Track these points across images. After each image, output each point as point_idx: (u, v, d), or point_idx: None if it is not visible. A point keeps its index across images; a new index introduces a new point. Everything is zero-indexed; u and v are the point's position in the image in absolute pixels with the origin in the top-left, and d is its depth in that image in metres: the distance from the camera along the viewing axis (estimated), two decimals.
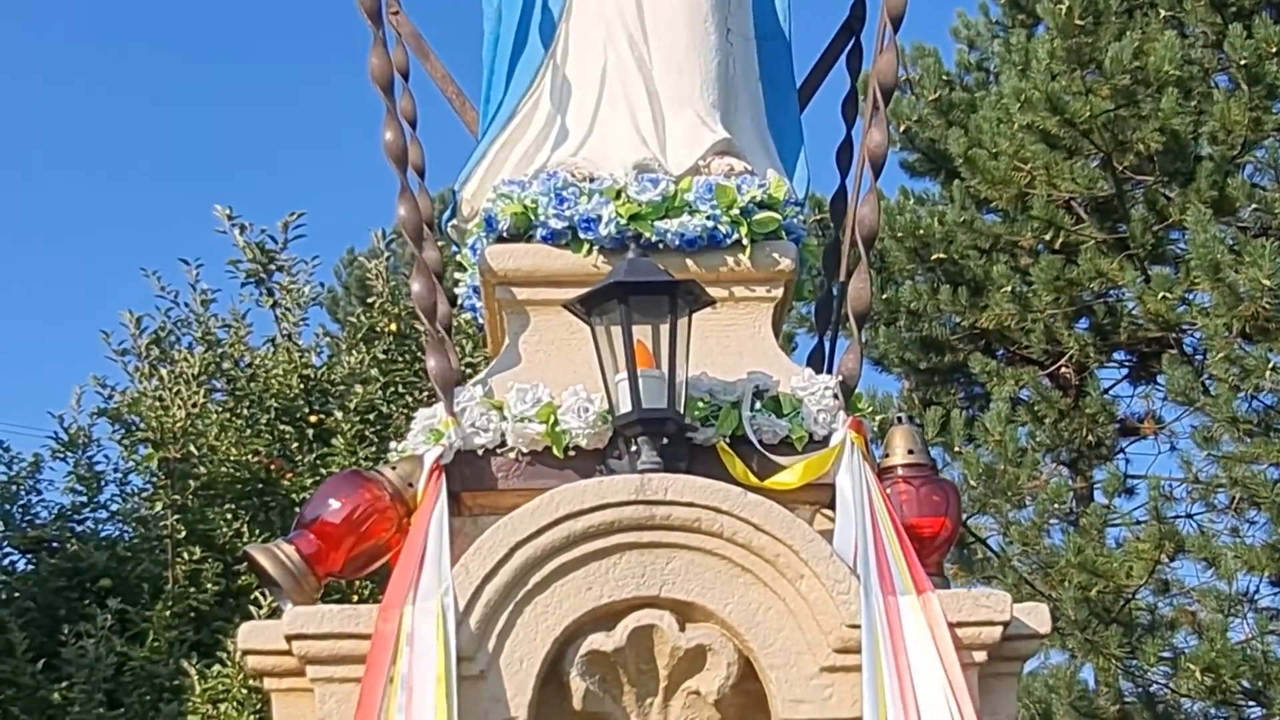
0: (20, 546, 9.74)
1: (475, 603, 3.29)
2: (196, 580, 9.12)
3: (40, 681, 8.64)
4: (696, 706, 3.41)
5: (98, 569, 9.30)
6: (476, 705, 3.25)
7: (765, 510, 3.36)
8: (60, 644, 8.62)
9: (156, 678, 8.64)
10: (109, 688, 8.55)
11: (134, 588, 9.18)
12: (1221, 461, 11.25)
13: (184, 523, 9.22)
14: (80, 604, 9.10)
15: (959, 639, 3.33)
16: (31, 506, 10.22)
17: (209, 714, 8.30)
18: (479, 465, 3.63)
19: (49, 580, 9.40)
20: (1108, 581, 10.63)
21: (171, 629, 8.77)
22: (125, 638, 8.74)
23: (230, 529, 9.29)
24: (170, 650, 8.70)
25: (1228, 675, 10.24)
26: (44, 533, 9.72)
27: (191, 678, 8.39)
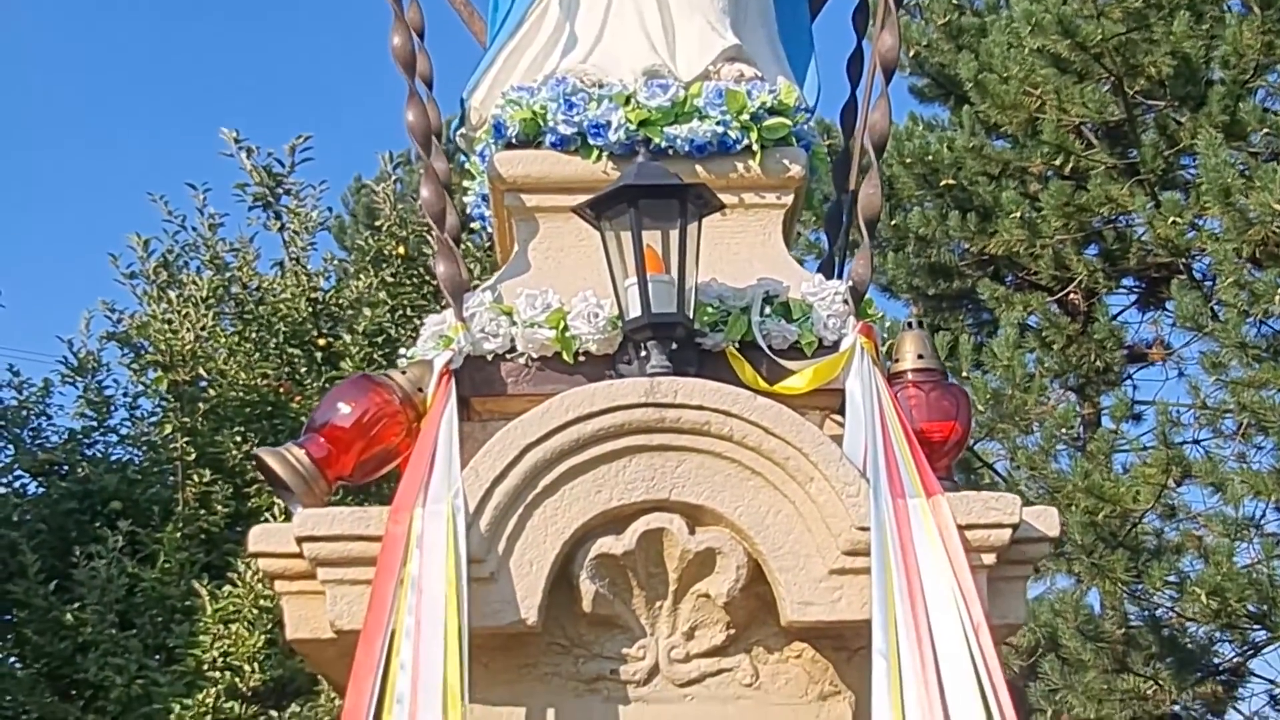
0: (31, 470, 9.79)
1: (485, 505, 3.30)
2: (207, 502, 9.17)
3: (52, 603, 8.72)
4: (706, 609, 3.42)
5: (108, 492, 9.36)
6: (486, 607, 3.26)
7: (775, 413, 3.36)
8: (72, 566, 8.68)
9: (168, 599, 8.71)
10: (121, 609, 8.62)
11: (144, 510, 9.24)
12: (1229, 387, 11.22)
13: (194, 445, 9.26)
14: (91, 526, 9.16)
15: (968, 541, 3.33)
16: (42, 431, 10.27)
17: (220, 634, 8.37)
18: (488, 370, 3.62)
19: (60, 503, 9.46)
20: (1114, 506, 10.64)
21: (182, 550, 8.83)
22: (136, 560, 8.80)
23: (240, 452, 9.34)
24: (181, 572, 8.76)
25: (1233, 599, 10.27)
26: (54, 456, 9.77)
27: (203, 598, 8.46)
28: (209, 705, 8.17)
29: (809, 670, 3.46)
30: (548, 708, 3.40)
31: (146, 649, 8.51)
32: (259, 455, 3.46)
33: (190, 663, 8.36)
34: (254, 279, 10.06)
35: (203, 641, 8.35)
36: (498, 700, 3.39)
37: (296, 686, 8.69)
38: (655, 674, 3.43)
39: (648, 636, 3.44)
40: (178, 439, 9.20)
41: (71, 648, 8.65)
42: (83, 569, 8.60)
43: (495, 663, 3.39)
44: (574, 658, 3.44)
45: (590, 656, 3.44)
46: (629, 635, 3.44)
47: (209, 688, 8.21)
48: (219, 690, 8.22)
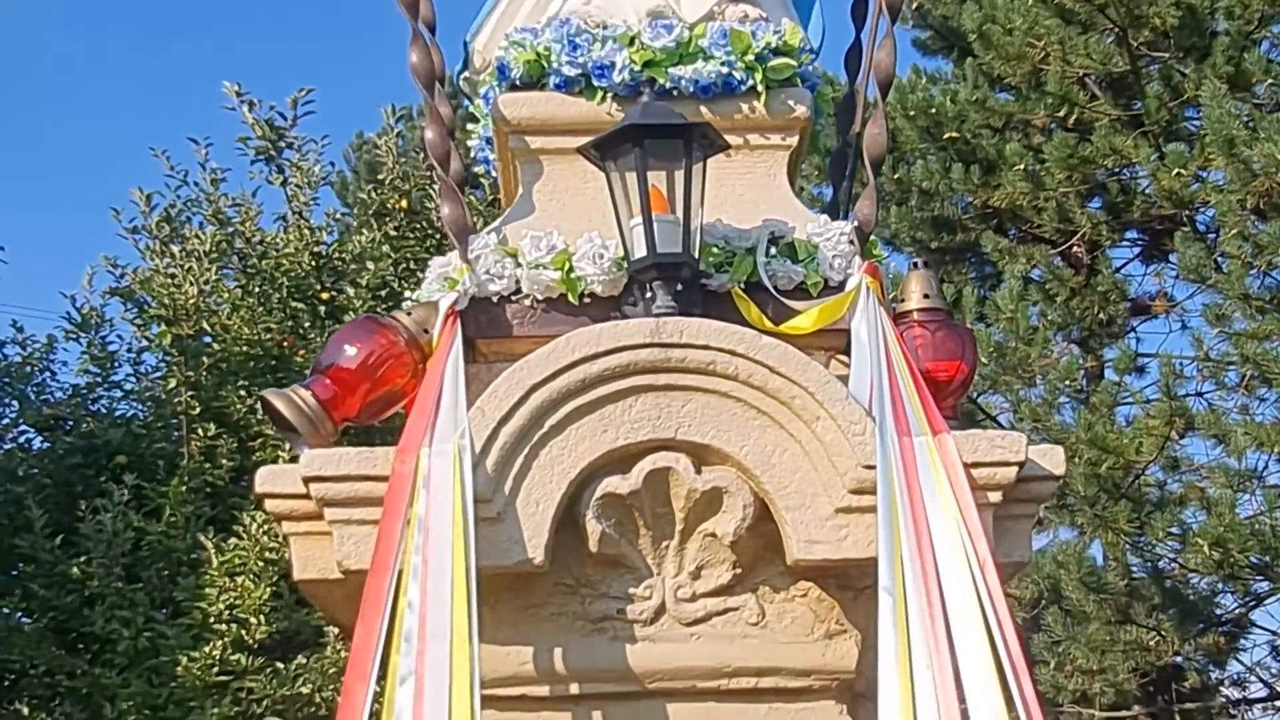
0: (36, 425, 9.81)
1: (491, 445, 3.30)
2: (212, 456, 9.20)
3: (59, 557, 8.75)
4: (713, 549, 3.42)
5: (113, 446, 9.38)
6: (494, 547, 3.27)
7: (780, 353, 3.35)
8: (77, 520, 8.71)
9: (174, 552, 8.74)
10: (127, 562, 8.65)
11: (149, 465, 9.26)
12: (1233, 338, 11.23)
13: (198, 400, 9.27)
14: (96, 481, 9.18)
15: (974, 479, 3.33)
16: (46, 386, 10.29)
17: (226, 587, 8.40)
18: (494, 312, 3.62)
19: (65, 458, 9.48)
20: (1117, 458, 10.66)
21: (187, 504, 8.85)
22: (142, 514, 8.83)
23: (244, 406, 9.35)
24: (187, 525, 8.79)
25: (1236, 550, 10.30)
26: (59, 411, 9.79)
27: (208, 552, 8.48)
28: (215, 657, 8.21)
29: (815, 609, 3.47)
30: (555, 647, 3.41)
31: (153, 602, 8.55)
32: (265, 397, 3.46)
33: (196, 615, 8.39)
34: (257, 234, 10.05)
35: (209, 594, 8.39)
36: (505, 640, 3.40)
37: (303, 639, 8.73)
38: (662, 613, 3.44)
39: (654, 576, 3.45)
40: (182, 393, 9.21)
41: (78, 601, 8.69)
42: (88, 523, 8.63)
43: (502, 603, 3.40)
44: (581, 598, 3.45)
45: (597, 596, 3.44)
46: (635, 575, 3.45)
47: (215, 640, 8.24)
48: (225, 642, 8.26)
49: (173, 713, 8.23)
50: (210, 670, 8.20)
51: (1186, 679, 12.24)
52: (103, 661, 8.60)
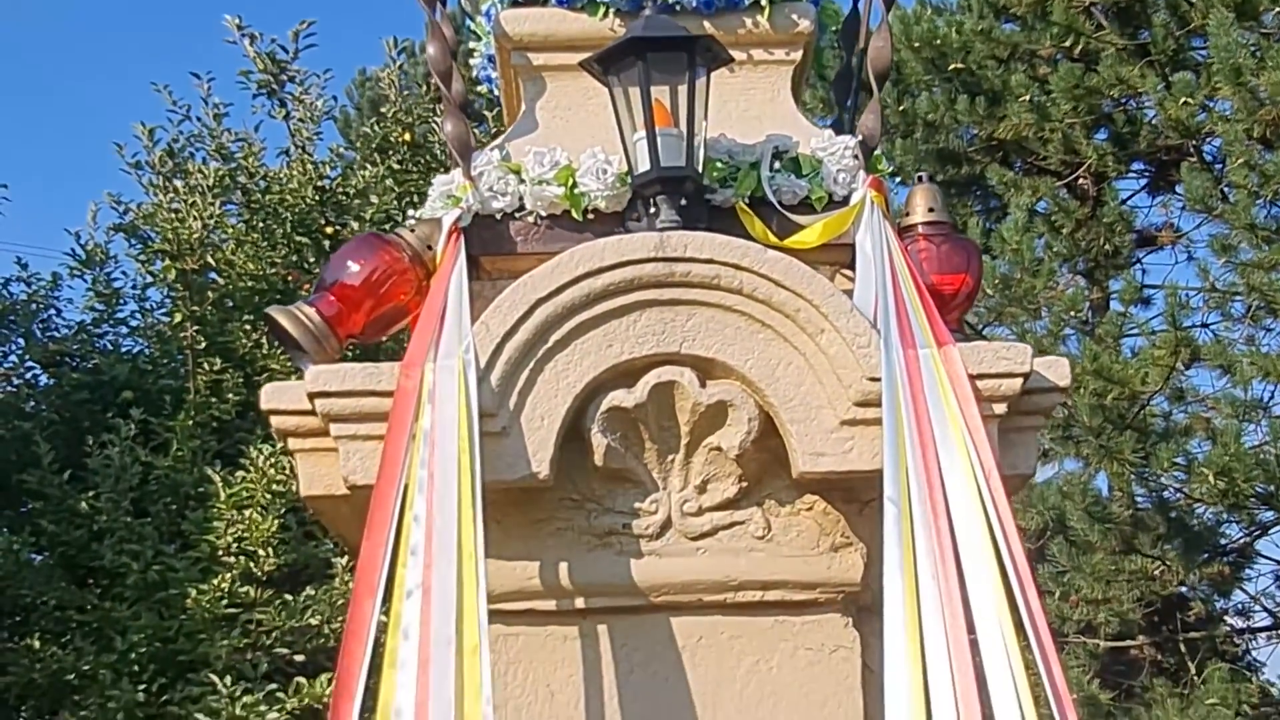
0: (42, 361, 9.83)
1: (496, 360, 3.29)
2: (218, 391, 9.22)
3: (67, 492, 8.79)
4: (718, 462, 3.42)
5: (119, 382, 9.40)
6: (499, 461, 3.27)
7: (785, 266, 3.34)
8: (85, 455, 8.73)
9: (181, 486, 8.77)
10: (135, 496, 8.69)
11: (156, 400, 9.29)
12: (1239, 269, 11.22)
13: (203, 334, 9.29)
14: (103, 417, 9.21)
15: (979, 391, 3.33)
16: (51, 323, 10.30)
17: (234, 520, 8.44)
18: (497, 229, 3.61)
19: (71, 394, 9.51)
20: (1123, 388, 10.66)
21: (194, 439, 8.88)
22: (149, 448, 8.86)
23: (249, 340, 9.37)
24: (194, 459, 8.82)
25: (1241, 479, 10.33)
26: (64, 347, 9.80)
27: (216, 485, 8.51)
28: (224, 590, 8.25)
29: (820, 523, 3.48)
30: (560, 562, 3.42)
31: (161, 536, 8.59)
32: (270, 314, 3.46)
33: (205, 548, 8.44)
34: (260, 169, 10.03)
35: (217, 527, 8.42)
36: (511, 555, 3.41)
37: (311, 572, 8.78)
38: (668, 528, 3.45)
39: (660, 490, 3.45)
40: (187, 328, 9.23)
41: (87, 536, 8.73)
42: (96, 458, 8.66)
43: (508, 518, 3.41)
44: (586, 512, 3.46)
45: (603, 511, 3.45)
46: (641, 489, 3.45)
47: (224, 572, 8.29)
48: (234, 575, 8.31)
49: (182, 645, 8.29)
50: (219, 603, 8.25)
51: (1191, 608, 12.29)
52: (112, 595, 8.65)
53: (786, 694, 3.44)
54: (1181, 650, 11.98)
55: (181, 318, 9.29)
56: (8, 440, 9.30)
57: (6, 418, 9.48)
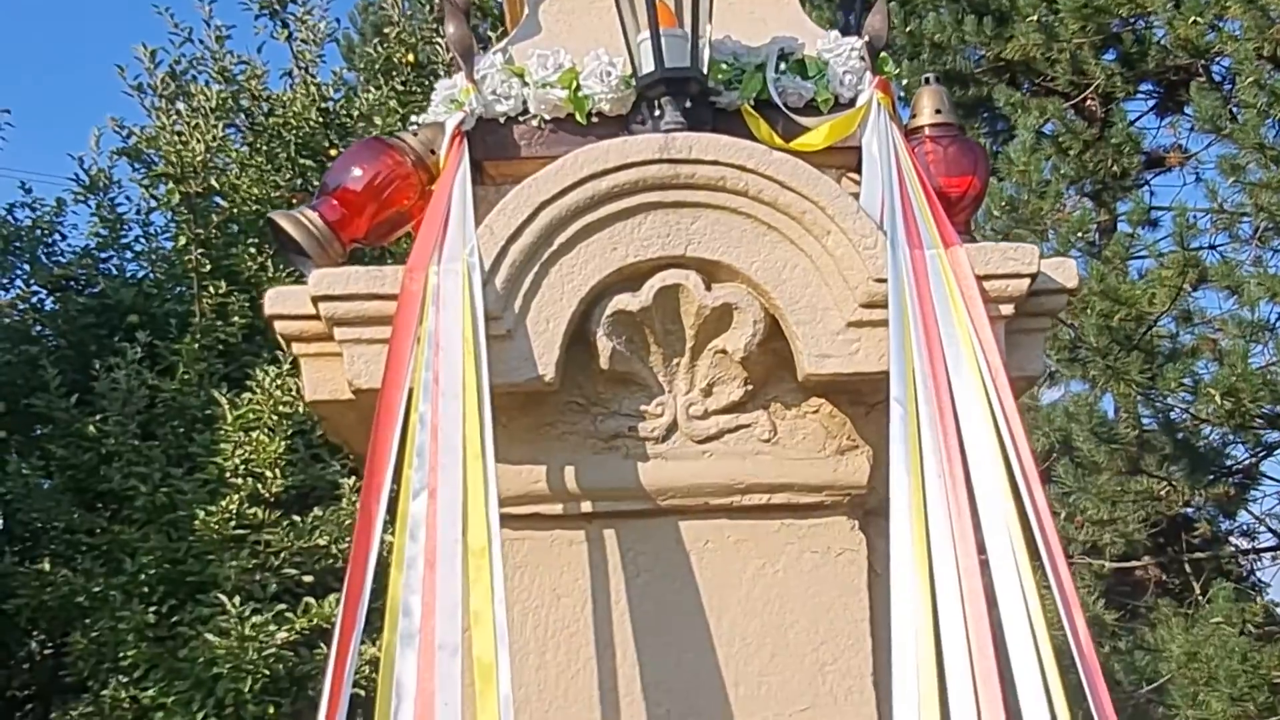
0: (47, 285, 9.83)
1: (500, 263, 3.28)
2: (224, 314, 9.22)
3: (74, 415, 8.82)
4: (723, 365, 3.41)
5: (125, 306, 9.41)
6: (504, 364, 3.26)
7: (791, 167, 3.31)
8: (92, 379, 8.75)
9: (188, 409, 8.80)
10: (142, 419, 8.72)
11: (162, 323, 9.30)
12: (1247, 189, 11.15)
13: (208, 258, 9.28)
14: (110, 341, 9.23)
15: (986, 292, 3.31)
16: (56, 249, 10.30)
17: (241, 441, 8.47)
18: (501, 133, 3.59)
19: (78, 318, 9.52)
20: (1130, 308, 10.63)
21: (201, 361, 8.90)
22: (155, 371, 8.87)
23: (255, 263, 9.36)
24: (200, 382, 8.84)
25: (1247, 399, 10.32)
26: (70, 271, 9.80)
27: (223, 407, 8.54)
28: (232, 511, 8.30)
29: (826, 425, 3.47)
30: (566, 465, 3.42)
31: (169, 458, 8.63)
32: (272, 218, 3.44)
33: (212, 470, 8.47)
34: (263, 91, 9.98)
35: (224, 449, 8.46)
36: (517, 459, 3.41)
37: (319, 494, 8.81)
38: (673, 431, 3.44)
39: (665, 394, 3.44)
40: (192, 251, 9.22)
41: (95, 459, 8.77)
42: (103, 381, 8.69)
43: (513, 422, 3.40)
44: (592, 416, 3.45)
45: (609, 414, 3.45)
46: (647, 393, 3.44)
47: (232, 494, 8.33)
48: (242, 496, 8.35)
49: (191, 566, 8.35)
50: (227, 524, 8.30)
51: (1196, 529, 12.32)
52: (121, 518, 8.71)
53: (792, 596, 3.45)
54: (1186, 571, 12.02)
55: (186, 241, 9.28)
56: (15, 365, 9.33)
57: (13, 343, 9.50)
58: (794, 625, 3.44)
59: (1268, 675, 10.09)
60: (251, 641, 7.83)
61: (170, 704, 8.07)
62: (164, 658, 8.13)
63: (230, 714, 8.01)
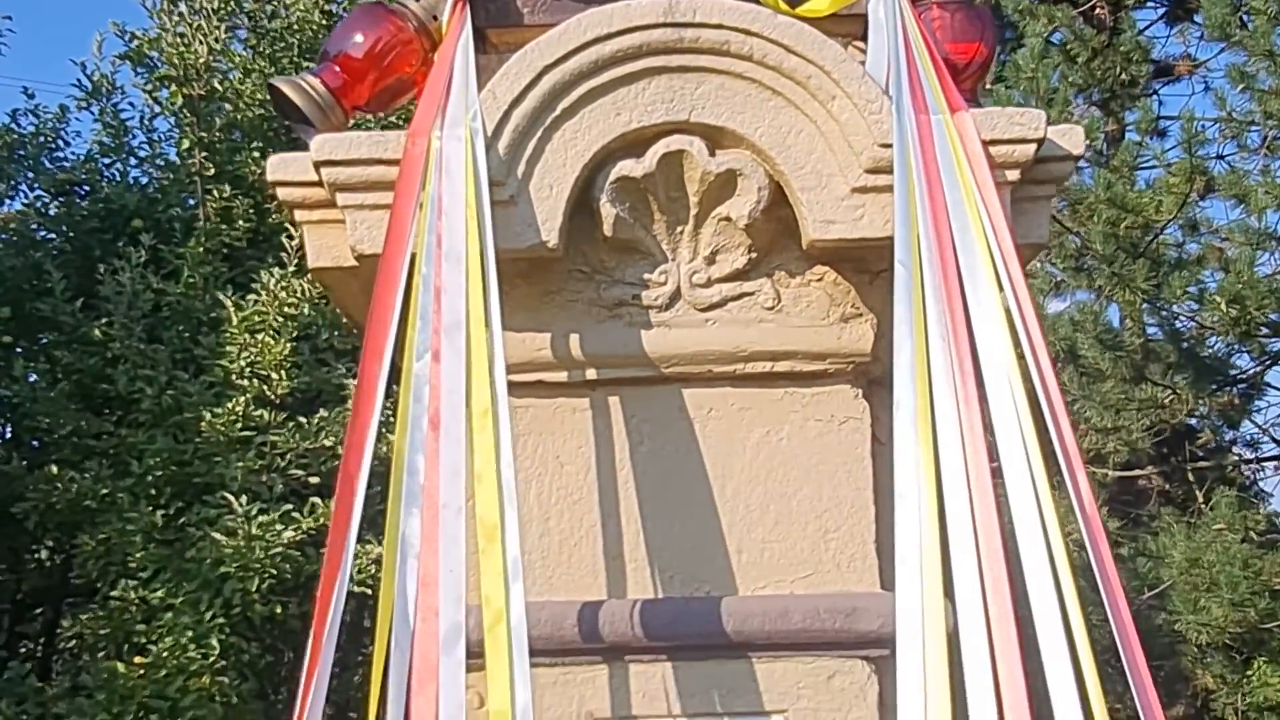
0: (51, 189, 9.81)
1: (503, 128, 3.26)
2: (228, 218, 9.21)
3: (80, 320, 8.82)
4: (727, 233, 3.40)
5: (129, 210, 9.40)
6: (507, 229, 3.25)
7: (796, 31, 3.29)
8: (97, 283, 8.75)
9: (193, 312, 8.80)
10: (147, 323, 8.73)
11: (166, 228, 9.29)
12: (1256, 96, 11.07)
13: (212, 162, 9.25)
14: (114, 245, 9.22)
15: (992, 157, 3.29)
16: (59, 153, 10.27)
17: (247, 343, 8.47)
18: (503, 0, 3.56)
19: (82, 223, 9.51)
20: (1136, 216, 10.58)
21: (205, 265, 8.90)
22: (160, 276, 8.87)
23: (259, 167, 9.32)
24: (205, 286, 8.84)
25: (1253, 306, 10.29)
26: (73, 175, 9.77)
27: (228, 310, 8.54)
28: (238, 413, 8.32)
29: (830, 293, 3.47)
30: (570, 333, 3.42)
31: (175, 362, 8.65)
32: (274, 84, 3.41)
33: (218, 373, 8.49)
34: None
35: (229, 351, 8.47)
36: (520, 326, 3.41)
37: (324, 396, 8.83)
38: (677, 299, 3.44)
39: (669, 262, 3.44)
40: (195, 154, 9.18)
41: (101, 363, 8.79)
42: (108, 285, 8.68)
43: (517, 290, 3.40)
44: (596, 284, 3.45)
45: (612, 282, 3.44)
46: (650, 261, 3.44)
47: (238, 396, 8.35)
48: (248, 398, 8.37)
49: (198, 468, 8.38)
50: (233, 425, 8.32)
51: (1199, 438, 12.35)
52: (128, 421, 8.74)
53: (796, 464, 3.46)
54: (1189, 480, 12.05)
55: (190, 144, 9.24)
56: (20, 269, 9.33)
57: (19, 248, 9.49)
58: (797, 493, 3.45)
59: (1269, 582, 10.14)
60: (258, 541, 7.87)
61: (179, 605, 8.12)
62: (172, 559, 8.18)
63: (238, 614, 8.07)
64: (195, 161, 9.17)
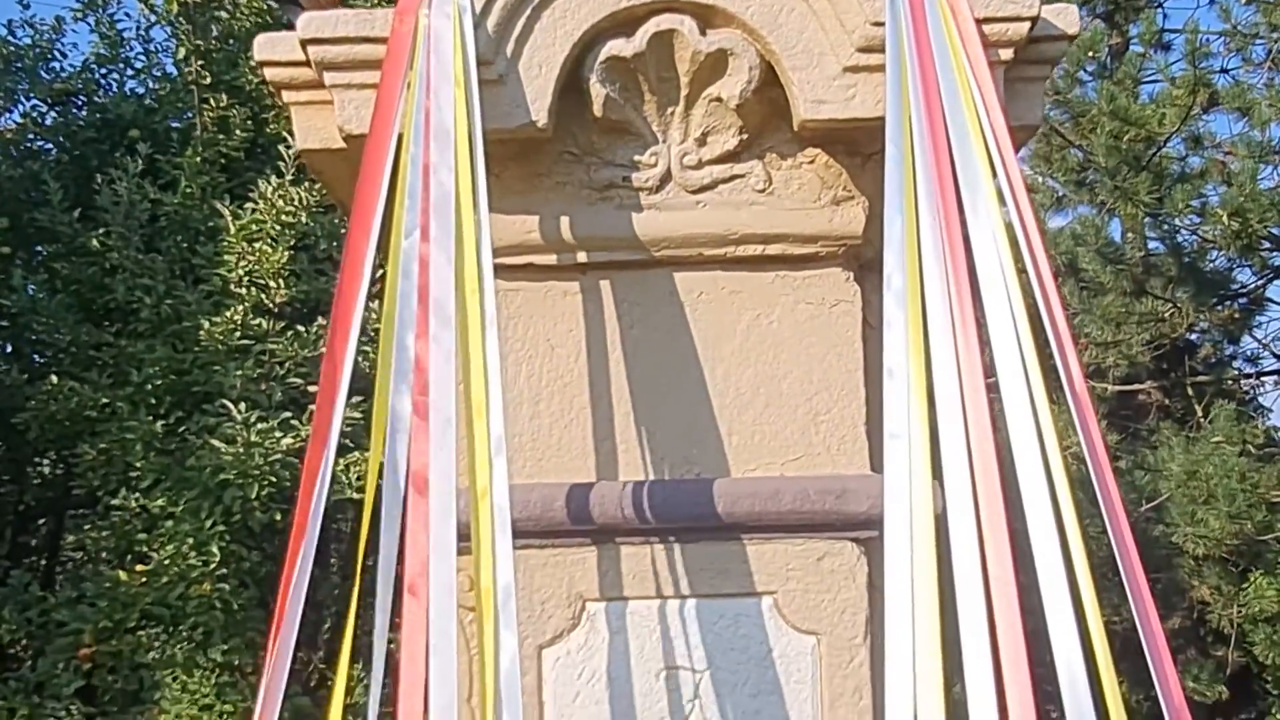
0: (47, 100, 9.76)
1: (492, 6, 3.22)
2: (225, 128, 9.16)
3: (78, 230, 8.80)
4: (718, 114, 3.38)
5: (125, 120, 9.35)
6: (496, 109, 3.23)
7: None
8: (94, 192, 8.73)
9: (191, 222, 8.78)
10: (145, 233, 8.71)
11: (163, 138, 9.24)
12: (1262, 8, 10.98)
13: (209, 71, 9.19)
14: (111, 155, 9.18)
15: (985, 36, 3.25)
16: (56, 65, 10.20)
17: (245, 252, 8.46)
18: None
19: (78, 133, 9.46)
20: (1140, 129, 10.52)
21: (203, 175, 8.87)
22: (157, 186, 8.84)
23: (256, 77, 9.26)
24: (203, 195, 8.81)
25: (1255, 219, 10.26)
26: (70, 86, 9.72)
27: (225, 219, 8.52)
28: (237, 322, 8.32)
29: (822, 175, 3.45)
30: (561, 216, 3.41)
31: (173, 271, 8.64)
32: None
33: (216, 282, 8.49)
34: None
35: (228, 260, 8.46)
36: (510, 209, 3.40)
37: (323, 306, 8.83)
38: (668, 181, 3.42)
39: (659, 143, 3.42)
40: (192, 62, 9.12)
41: (99, 273, 8.78)
42: (105, 194, 8.66)
43: (506, 172, 3.39)
44: (586, 166, 3.43)
45: (602, 164, 3.42)
46: (641, 142, 3.42)
47: (236, 304, 8.35)
48: (246, 307, 8.37)
49: (197, 376, 8.39)
50: (232, 334, 8.33)
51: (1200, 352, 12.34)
52: (127, 331, 8.73)
53: (787, 347, 3.46)
54: (1189, 394, 12.06)
55: (186, 53, 9.18)
56: (17, 180, 9.30)
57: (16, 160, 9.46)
58: (788, 376, 3.45)
59: (1266, 494, 10.17)
60: (257, 448, 7.89)
61: (179, 513, 8.16)
62: (172, 468, 8.21)
63: (238, 521, 8.11)
64: (192, 71, 9.11)
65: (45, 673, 8.08)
